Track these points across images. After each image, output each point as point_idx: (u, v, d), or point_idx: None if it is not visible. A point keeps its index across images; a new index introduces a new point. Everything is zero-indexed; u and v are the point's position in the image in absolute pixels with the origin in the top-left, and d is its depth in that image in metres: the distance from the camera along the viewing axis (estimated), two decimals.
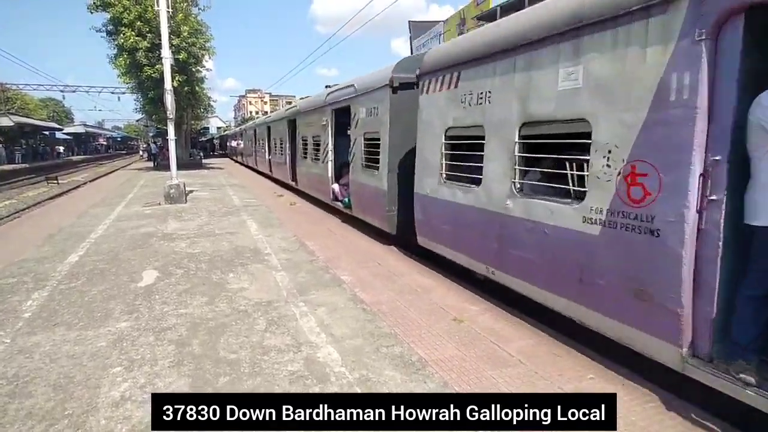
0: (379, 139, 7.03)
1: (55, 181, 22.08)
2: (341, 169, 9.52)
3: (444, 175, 5.30)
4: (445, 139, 5.23)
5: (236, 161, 34.13)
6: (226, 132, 51.56)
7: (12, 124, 31.70)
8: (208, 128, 53.31)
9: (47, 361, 3.42)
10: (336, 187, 9.61)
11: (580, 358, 3.46)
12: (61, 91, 43.05)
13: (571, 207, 3.52)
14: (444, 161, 5.29)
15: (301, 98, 13.96)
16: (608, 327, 3.27)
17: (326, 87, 10.47)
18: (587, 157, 3.35)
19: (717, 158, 2.57)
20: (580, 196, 3.48)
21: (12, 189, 20.81)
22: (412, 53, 13.76)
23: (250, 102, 77.71)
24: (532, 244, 3.93)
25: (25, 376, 3.20)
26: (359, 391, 2.99)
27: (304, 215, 10.32)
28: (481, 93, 4.55)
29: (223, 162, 34.56)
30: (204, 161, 31.95)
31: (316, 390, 3.01)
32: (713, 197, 2.60)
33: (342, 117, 8.92)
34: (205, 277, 5.49)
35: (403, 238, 6.73)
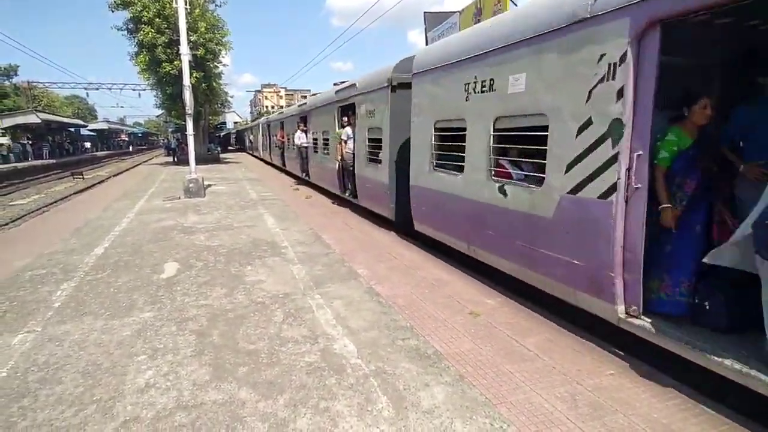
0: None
1: (81, 176, 22.69)
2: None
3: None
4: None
5: (253, 155, 34.44)
6: (243, 127, 52.05)
7: (39, 121, 32.66)
8: (225, 123, 53.91)
9: (76, 348, 3.55)
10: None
11: (600, 353, 3.43)
12: (85, 89, 44.17)
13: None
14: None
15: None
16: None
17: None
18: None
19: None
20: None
21: (40, 184, 21.49)
22: (427, 44, 13.64)
23: (265, 97, 78.20)
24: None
25: (55, 363, 3.33)
26: (375, 383, 3.02)
27: (320, 208, 10.40)
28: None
29: (240, 156, 34.96)
30: (221, 156, 32.40)
31: (333, 381, 3.05)
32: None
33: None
34: (224, 270, 5.59)
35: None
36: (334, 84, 10.93)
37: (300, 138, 13.84)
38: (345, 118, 9.55)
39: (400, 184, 7.13)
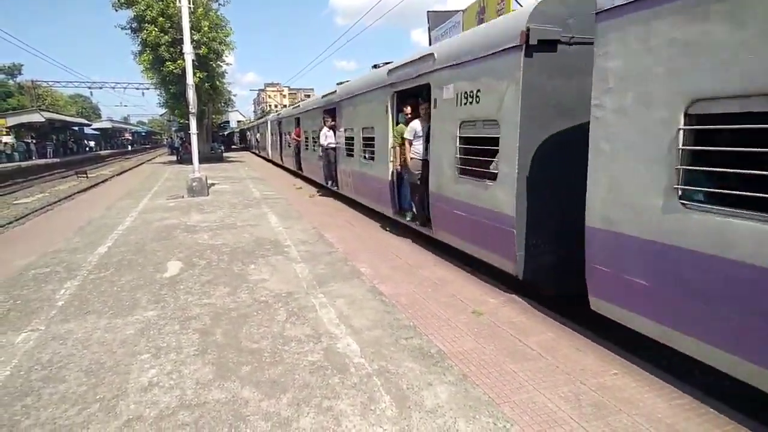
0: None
1: (84, 175, 22.80)
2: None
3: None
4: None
5: (259, 156, 33.68)
6: (247, 125, 52.09)
7: (43, 120, 32.84)
8: (228, 122, 54.01)
9: (79, 347, 3.56)
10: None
11: (603, 353, 3.41)
12: (89, 88, 44.46)
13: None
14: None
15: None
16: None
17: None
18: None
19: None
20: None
21: (44, 183, 21.59)
22: (430, 44, 13.58)
23: (269, 95, 78.35)
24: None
25: (58, 361, 3.34)
26: (378, 383, 3.02)
27: (323, 207, 10.40)
28: None
29: (243, 155, 35.01)
30: (225, 155, 32.41)
31: (336, 380, 3.05)
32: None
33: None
34: (227, 269, 5.60)
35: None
36: (376, 66, 8.61)
37: (327, 137, 10.89)
38: (407, 109, 6.82)
39: (537, 216, 4.40)
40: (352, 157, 9.44)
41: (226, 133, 54.42)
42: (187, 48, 12.01)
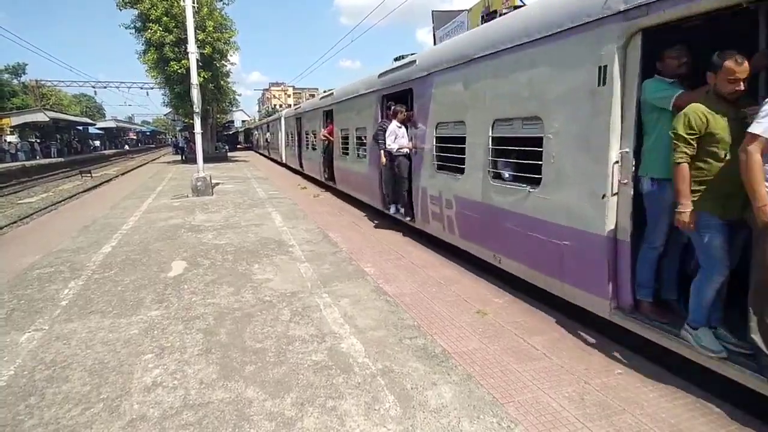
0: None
1: (89, 175, 22.91)
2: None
3: None
4: None
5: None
6: (255, 124, 52.15)
7: (47, 119, 32.95)
8: (233, 122, 54.16)
9: (83, 347, 3.56)
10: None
11: (607, 353, 3.38)
12: (93, 87, 44.55)
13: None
14: None
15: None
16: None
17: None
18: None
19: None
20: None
21: (48, 182, 21.70)
22: (435, 43, 13.52)
23: (273, 95, 78.41)
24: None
25: (62, 361, 3.34)
26: (382, 383, 3.01)
27: (327, 207, 10.39)
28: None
29: (248, 155, 35.06)
30: (229, 154, 32.47)
31: (340, 380, 3.04)
32: None
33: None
34: (231, 268, 5.60)
35: None
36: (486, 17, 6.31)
37: (396, 137, 7.07)
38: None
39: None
40: (462, 176, 5.69)
41: (230, 132, 54.58)
42: (192, 47, 12.04)
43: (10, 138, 32.50)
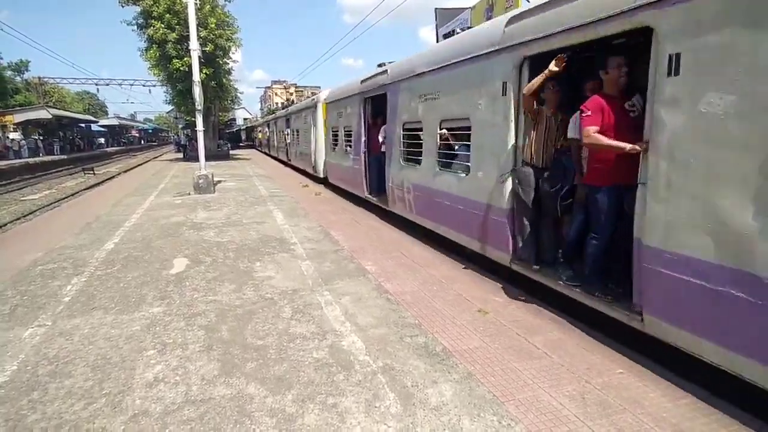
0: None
1: (92, 172, 22.97)
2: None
3: None
4: None
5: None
6: (253, 123, 52.15)
7: (50, 116, 33.05)
8: (235, 120, 54.21)
9: (86, 343, 3.58)
10: None
11: (609, 352, 3.39)
12: (96, 84, 44.74)
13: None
14: None
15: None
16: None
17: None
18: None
19: None
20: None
21: (51, 179, 21.77)
22: (438, 41, 13.54)
23: (275, 93, 78.42)
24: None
25: (65, 357, 3.36)
26: (383, 380, 3.01)
27: (329, 205, 10.40)
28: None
29: (250, 153, 35.09)
30: (231, 152, 32.49)
31: (341, 377, 3.05)
32: None
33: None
34: (233, 266, 5.61)
35: None
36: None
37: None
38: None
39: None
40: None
41: (232, 130, 54.63)
42: (194, 45, 12.04)
43: (13, 135, 32.59)
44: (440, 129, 6.07)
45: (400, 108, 7.36)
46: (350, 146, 10.15)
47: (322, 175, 13.61)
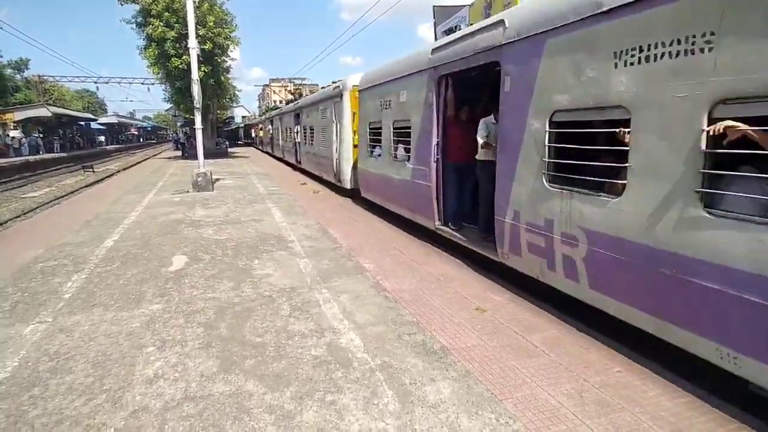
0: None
1: (91, 170, 22.95)
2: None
3: None
4: None
5: (262, 150, 32.06)
6: (251, 121, 52.08)
7: (50, 114, 32.93)
8: (233, 118, 54.14)
9: (86, 339, 3.59)
10: None
11: (607, 351, 3.40)
12: (95, 83, 44.63)
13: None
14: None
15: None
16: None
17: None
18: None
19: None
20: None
21: (51, 177, 21.75)
22: (436, 39, 13.52)
23: (273, 91, 78.25)
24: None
25: (65, 353, 3.37)
26: (381, 378, 3.03)
27: (327, 203, 10.41)
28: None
29: (248, 151, 35.05)
30: (230, 150, 32.46)
31: (339, 375, 3.06)
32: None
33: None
34: (232, 263, 5.62)
35: None
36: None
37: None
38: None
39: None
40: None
41: (231, 128, 54.56)
42: (192, 43, 12.04)
43: (13, 133, 32.54)
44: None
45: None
46: (406, 150, 7.09)
47: (348, 186, 10.62)
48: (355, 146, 10.25)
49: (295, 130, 17.35)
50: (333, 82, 12.71)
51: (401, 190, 7.39)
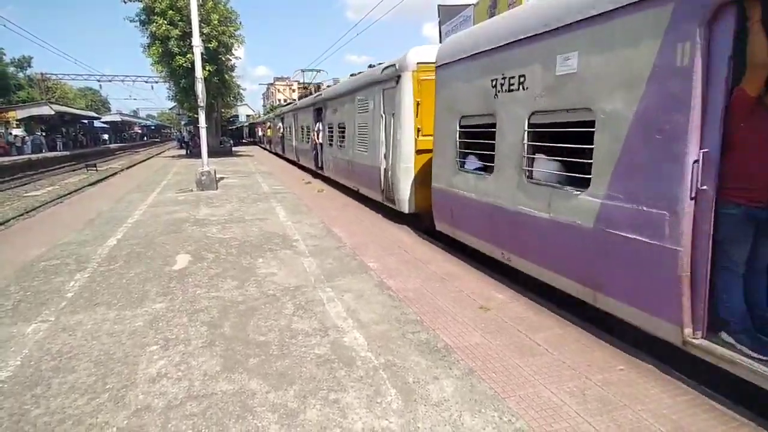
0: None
1: (94, 168, 23.03)
2: None
3: None
4: None
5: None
6: (255, 120, 52.11)
7: (53, 113, 33.09)
8: (237, 116, 54.16)
9: (89, 338, 3.60)
10: None
11: (610, 349, 3.39)
12: (98, 81, 44.77)
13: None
14: None
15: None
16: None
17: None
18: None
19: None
20: None
21: (54, 176, 21.84)
22: (440, 39, 13.47)
23: (278, 90, 78.30)
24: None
25: (68, 352, 3.38)
26: (384, 376, 3.02)
27: (332, 201, 10.41)
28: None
29: (252, 150, 35.09)
30: (234, 149, 32.50)
31: (342, 373, 3.06)
32: None
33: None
34: (236, 262, 5.63)
35: None
36: None
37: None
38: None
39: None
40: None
41: (235, 127, 54.59)
42: (196, 41, 12.03)
43: (15, 131, 32.70)
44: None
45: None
46: (580, 168, 3.74)
47: (407, 209, 7.54)
48: (417, 152, 7.29)
49: (315, 129, 14.40)
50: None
51: (562, 244, 3.93)
